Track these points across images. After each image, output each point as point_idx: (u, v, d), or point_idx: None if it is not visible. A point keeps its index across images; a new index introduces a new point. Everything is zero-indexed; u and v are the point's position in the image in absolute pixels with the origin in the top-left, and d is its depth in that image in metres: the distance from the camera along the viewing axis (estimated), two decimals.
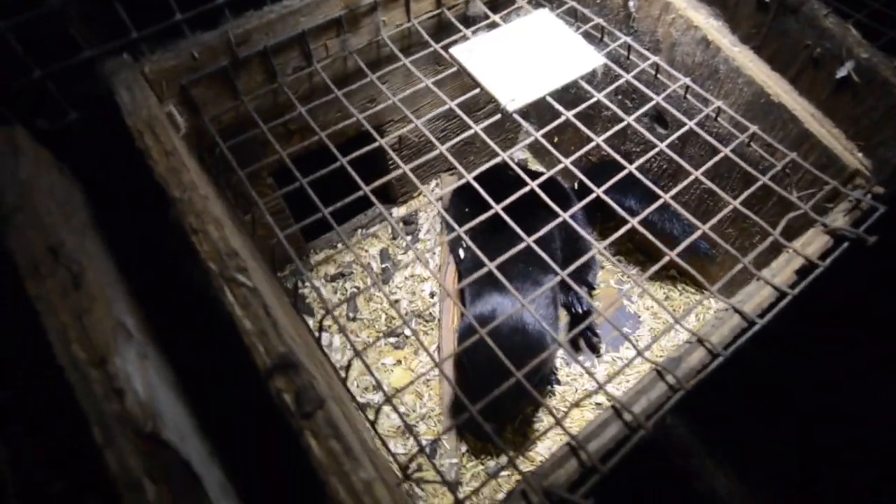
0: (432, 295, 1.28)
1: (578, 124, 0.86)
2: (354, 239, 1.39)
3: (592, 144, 0.85)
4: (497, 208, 0.78)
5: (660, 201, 0.79)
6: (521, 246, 0.75)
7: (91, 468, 0.59)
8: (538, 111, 1.42)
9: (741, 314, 0.68)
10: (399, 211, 1.42)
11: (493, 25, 1.02)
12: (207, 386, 0.82)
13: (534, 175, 0.83)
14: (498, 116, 0.89)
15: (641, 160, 0.83)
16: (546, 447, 1.11)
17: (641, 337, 1.25)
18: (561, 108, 0.88)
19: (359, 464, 0.57)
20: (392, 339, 1.24)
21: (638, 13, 0.99)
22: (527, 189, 0.81)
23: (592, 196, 0.81)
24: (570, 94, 1.24)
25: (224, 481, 0.72)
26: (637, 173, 0.81)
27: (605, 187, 0.81)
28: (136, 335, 0.73)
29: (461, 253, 1.23)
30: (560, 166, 0.84)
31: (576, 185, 1.31)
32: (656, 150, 0.84)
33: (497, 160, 0.84)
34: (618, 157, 0.84)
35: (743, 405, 1.17)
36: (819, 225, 0.77)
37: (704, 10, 0.92)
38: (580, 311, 1.22)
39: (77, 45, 0.78)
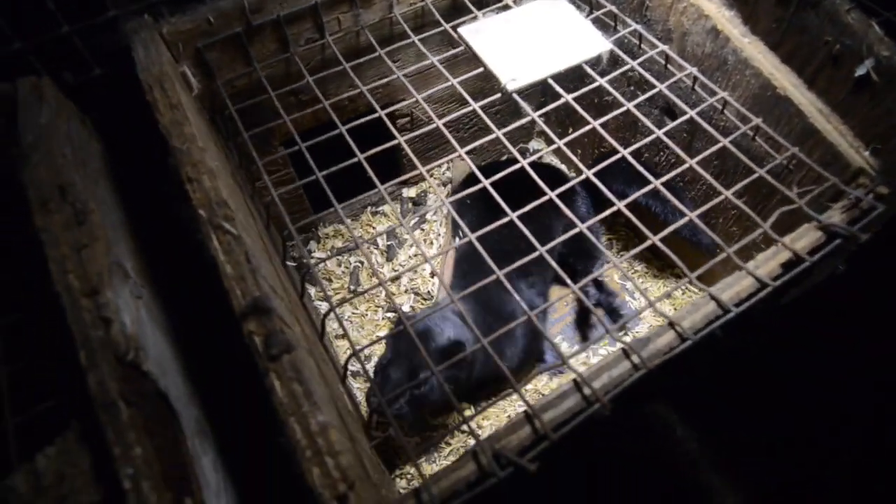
0: (433, 275, 1.30)
1: (577, 107, 0.87)
2: (364, 216, 1.42)
3: (588, 128, 0.85)
4: (485, 182, 0.80)
5: (650, 186, 0.78)
6: (505, 220, 0.76)
7: (78, 393, 0.63)
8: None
9: (717, 301, 0.67)
10: (409, 191, 1.44)
11: (506, 8, 1.02)
12: (202, 337, 0.87)
13: (541, 166, 0.83)
14: (498, 95, 0.90)
15: (637, 145, 0.83)
16: None
17: (639, 332, 1.24)
18: (561, 91, 0.89)
19: (318, 408, 0.60)
20: (390, 315, 1.26)
21: (651, 1, 0.98)
22: (517, 167, 0.82)
23: (582, 177, 0.81)
24: (585, 83, 1.24)
25: (203, 423, 0.76)
26: (630, 157, 0.81)
27: (595, 170, 0.81)
28: (134, 277, 0.78)
29: (456, 240, 1.24)
30: (553, 146, 0.84)
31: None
32: (653, 136, 0.84)
33: (491, 137, 0.85)
34: (613, 143, 0.84)
35: (741, 402, 1.15)
36: (814, 221, 0.75)
37: None
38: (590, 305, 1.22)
39: (104, 5, 0.83)
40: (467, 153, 0.83)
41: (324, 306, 1.25)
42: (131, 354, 0.65)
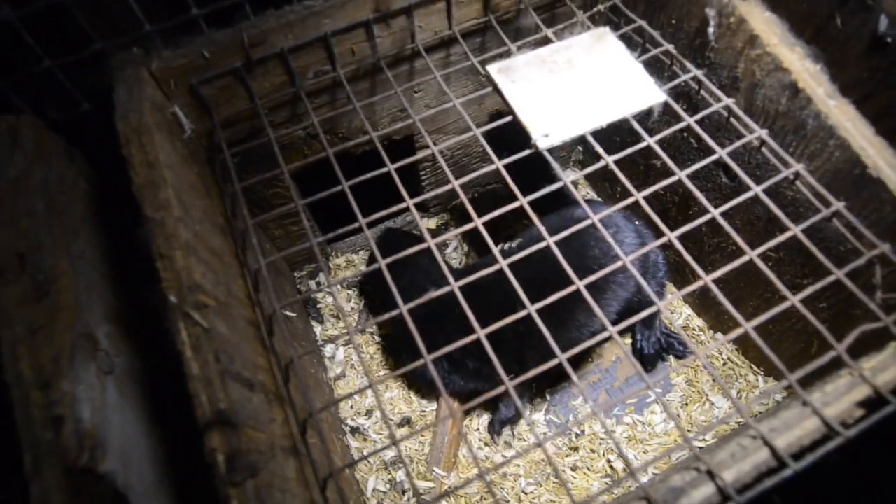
0: None
1: (619, 174, 0.74)
2: None
3: (631, 200, 0.72)
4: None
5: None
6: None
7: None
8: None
9: (771, 450, 0.55)
10: (429, 223, 1.34)
11: (546, 41, 0.89)
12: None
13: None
14: (527, 152, 0.78)
15: (686, 227, 0.69)
16: None
17: (671, 402, 1.11)
18: (602, 152, 0.76)
19: None
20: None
21: (717, 43, 0.83)
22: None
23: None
24: (632, 137, 1.10)
25: None
26: (675, 240, 0.68)
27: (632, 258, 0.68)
28: (108, 345, 0.71)
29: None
30: (588, 221, 0.72)
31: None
32: (708, 216, 0.70)
33: (515, 205, 0.74)
34: (656, 218, 0.71)
35: None
36: None
37: (801, 49, 0.75)
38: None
39: (90, 37, 0.75)
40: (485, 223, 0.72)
41: (328, 349, 1.17)
42: (85, 457, 0.58)
